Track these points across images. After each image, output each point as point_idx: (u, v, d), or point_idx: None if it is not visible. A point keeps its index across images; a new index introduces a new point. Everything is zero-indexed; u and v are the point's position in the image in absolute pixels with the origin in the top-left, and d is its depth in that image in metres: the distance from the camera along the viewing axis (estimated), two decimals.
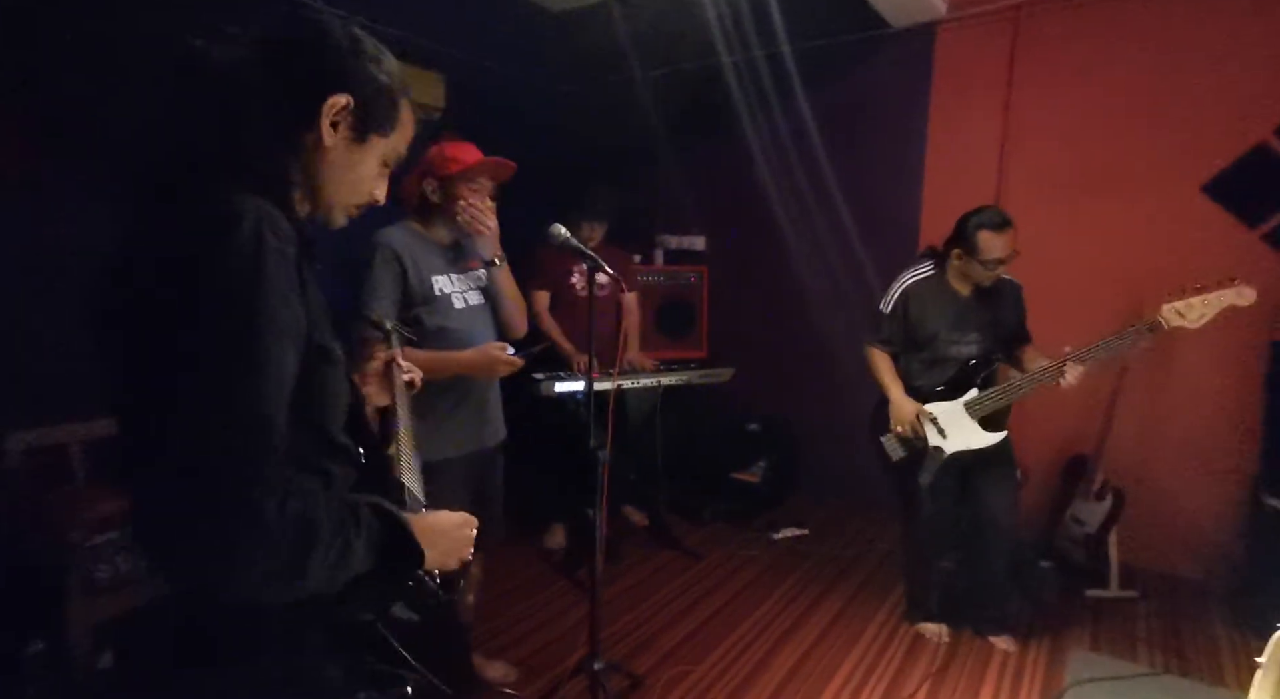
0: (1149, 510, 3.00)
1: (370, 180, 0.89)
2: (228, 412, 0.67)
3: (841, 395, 3.56)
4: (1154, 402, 3.01)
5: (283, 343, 0.71)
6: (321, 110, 0.80)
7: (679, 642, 2.45)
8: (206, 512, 0.65)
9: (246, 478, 0.66)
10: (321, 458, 0.83)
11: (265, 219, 0.71)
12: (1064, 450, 3.16)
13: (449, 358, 1.77)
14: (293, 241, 0.74)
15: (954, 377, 2.34)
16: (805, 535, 3.39)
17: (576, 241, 1.74)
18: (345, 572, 0.75)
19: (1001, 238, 2.18)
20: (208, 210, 0.71)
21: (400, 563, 0.83)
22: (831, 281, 3.69)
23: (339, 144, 0.83)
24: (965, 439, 2.31)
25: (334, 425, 0.86)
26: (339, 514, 0.74)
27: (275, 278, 0.70)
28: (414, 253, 1.79)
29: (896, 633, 2.54)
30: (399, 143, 0.91)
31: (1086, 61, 3.07)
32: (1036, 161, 3.23)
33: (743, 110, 3.85)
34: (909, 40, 3.47)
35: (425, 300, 1.79)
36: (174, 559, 0.70)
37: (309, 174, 0.82)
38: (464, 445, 1.88)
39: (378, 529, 0.79)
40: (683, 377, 3.12)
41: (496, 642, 2.43)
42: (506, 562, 2.97)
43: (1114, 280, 3.09)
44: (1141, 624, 2.62)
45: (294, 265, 0.73)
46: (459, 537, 0.94)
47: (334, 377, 0.83)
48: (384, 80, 0.85)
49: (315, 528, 0.71)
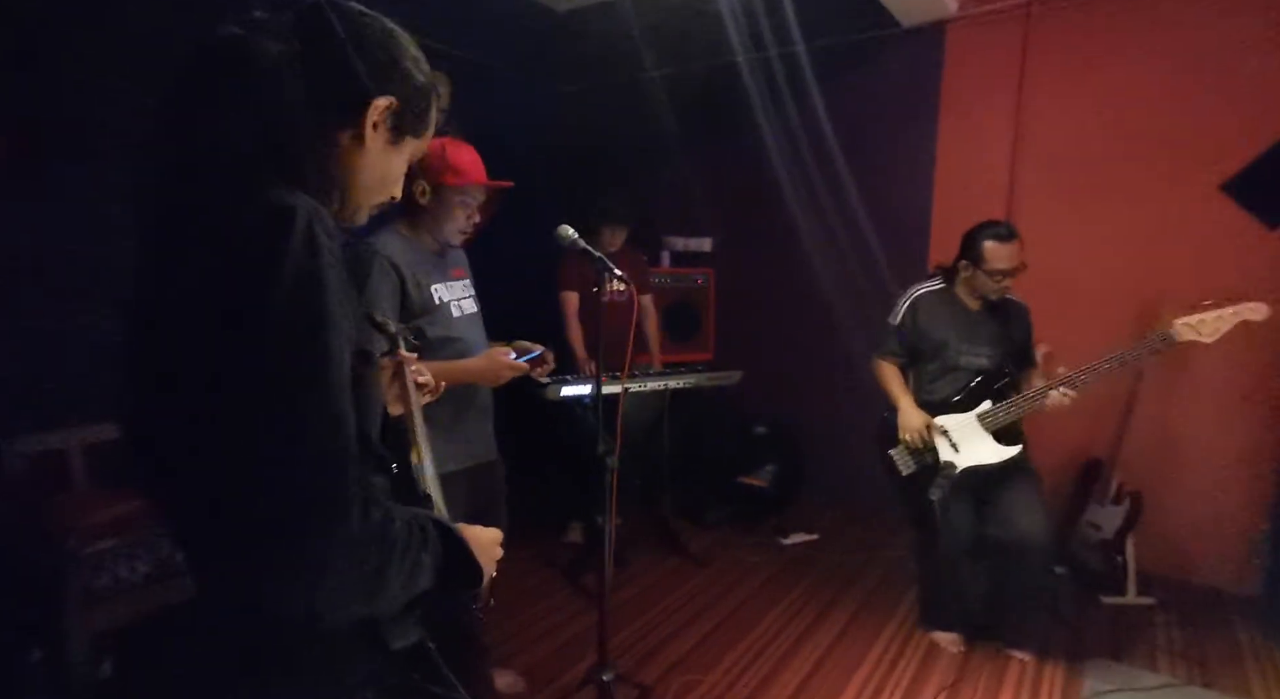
0: (1168, 515, 2.94)
1: (398, 180, 0.88)
2: (308, 417, 0.63)
3: (851, 398, 3.52)
4: (1172, 403, 2.96)
5: (343, 345, 0.68)
6: (366, 111, 0.78)
7: (688, 650, 2.41)
8: (295, 521, 0.62)
9: (334, 486, 0.63)
10: (364, 467, 0.80)
11: (315, 213, 0.68)
12: (1079, 454, 3.10)
13: (456, 367, 1.72)
14: (339, 239, 0.71)
15: (966, 388, 2.30)
16: (815, 541, 3.34)
17: (585, 244, 1.71)
18: (414, 587, 0.73)
19: (1007, 248, 2.17)
20: (258, 205, 0.67)
21: (460, 581, 0.82)
22: (841, 283, 3.64)
23: (377, 145, 0.81)
24: (979, 453, 2.26)
25: (374, 433, 0.83)
26: (408, 527, 0.72)
27: (331, 276, 0.67)
28: (410, 260, 1.72)
29: (910, 641, 2.49)
30: (425, 142, 0.89)
31: (1099, 59, 3.02)
32: (1049, 161, 3.18)
33: (749, 110, 3.81)
34: (919, 39, 3.43)
35: (425, 310, 1.72)
36: (252, 576, 0.66)
37: (343, 173, 0.80)
38: (467, 459, 1.82)
39: (439, 545, 0.77)
40: (690, 379, 3.07)
41: (503, 650, 2.38)
42: (511, 569, 2.91)
43: (1128, 282, 3.03)
44: (1161, 633, 2.56)
45: (340, 263, 0.71)
46: (492, 554, 0.93)
47: (373, 379, 0.82)
48: (422, 81, 0.83)
49: (394, 541, 0.69)
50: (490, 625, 2.45)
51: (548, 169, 3.76)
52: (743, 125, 3.84)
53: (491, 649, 2.12)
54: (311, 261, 0.66)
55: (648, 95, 4.09)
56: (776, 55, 3.64)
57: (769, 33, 3.47)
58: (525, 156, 2.03)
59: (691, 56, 3.74)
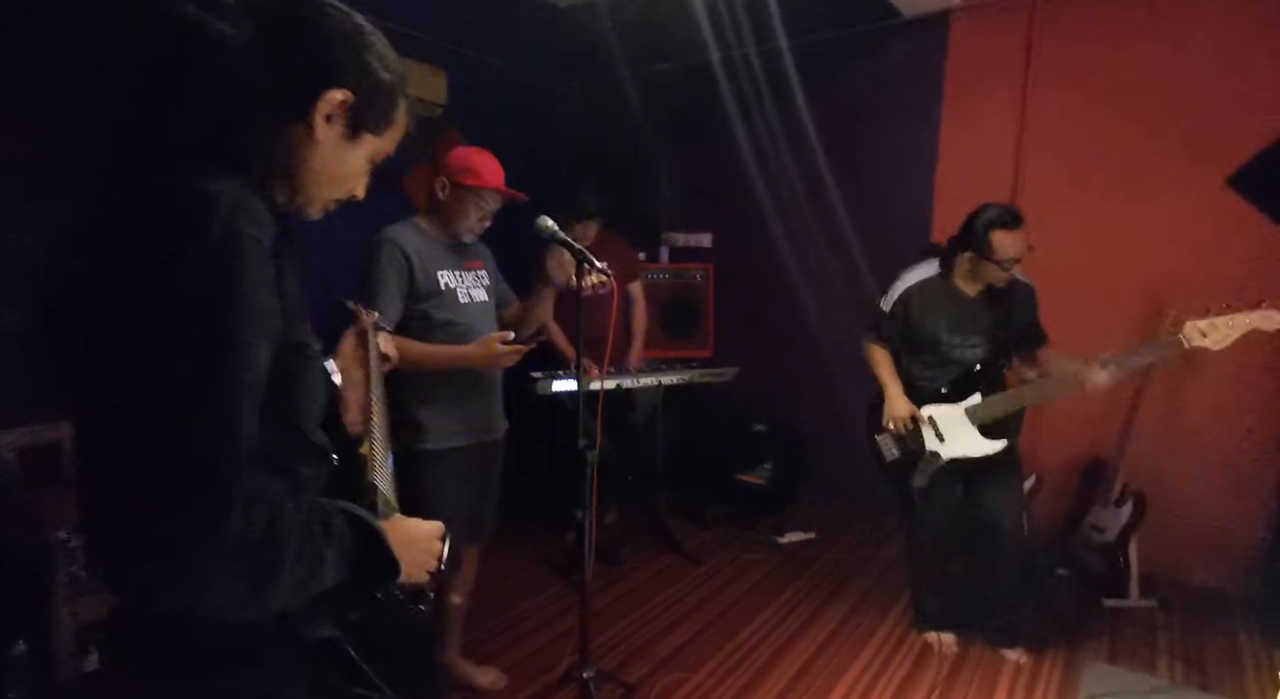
0: (1171, 518, 2.87)
1: (355, 177, 0.85)
2: (195, 413, 0.62)
3: (850, 396, 3.46)
4: (1177, 404, 2.89)
5: (257, 338, 0.66)
6: (318, 103, 0.76)
7: (676, 649, 2.38)
8: (170, 524, 0.61)
9: (213, 487, 0.62)
10: (292, 459, 0.79)
11: (241, 204, 0.67)
12: (1082, 455, 3.04)
13: (450, 351, 1.82)
14: (269, 229, 0.69)
15: (957, 380, 2.26)
16: (812, 539, 3.30)
17: (564, 235, 1.69)
18: (316, 584, 0.71)
19: (1015, 236, 2.09)
20: (180, 191, 0.66)
21: (374, 575, 0.80)
22: (842, 280, 3.59)
23: (330, 138, 0.78)
24: (964, 446, 2.23)
25: (308, 424, 0.82)
26: (309, 522, 0.71)
27: (250, 267, 0.65)
28: (420, 248, 1.83)
29: (904, 642, 2.45)
30: (389, 142, 0.87)
31: (1105, 50, 2.95)
32: (1054, 155, 3.12)
33: (751, 104, 3.77)
34: (922, 30, 3.37)
35: (431, 294, 1.84)
36: (133, 574, 0.66)
37: (293, 164, 0.78)
38: (469, 436, 1.93)
39: (351, 539, 0.75)
40: (684, 375, 3.04)
41: (489, 646, 2.38)
42: (503, 564, 2.91)
43: (1133, 277, 2.97)
44: (1162, 636, 2.51)
45: (270, 256, 0.69)
46: (429, 548, 0.90)
47: (309, 373, 0.80)
48: (386, 78, 0.81)
49: (285, 541, 0.67)
50: (477, 621, 2.45)
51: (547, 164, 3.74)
52: (744, 119, 3.80)
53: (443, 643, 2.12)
54: (227, 253, 0.64)
55: (649, 90, 4.06)
56: (778, 48, 3.59)
57: (771, 25, 3.43)
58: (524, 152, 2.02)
59: (694, 50, 3.70)
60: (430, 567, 0.89)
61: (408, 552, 0.85)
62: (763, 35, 3.53)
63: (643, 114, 4.06)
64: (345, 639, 0.79)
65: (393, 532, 0.84)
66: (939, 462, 2.23)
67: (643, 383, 2.95)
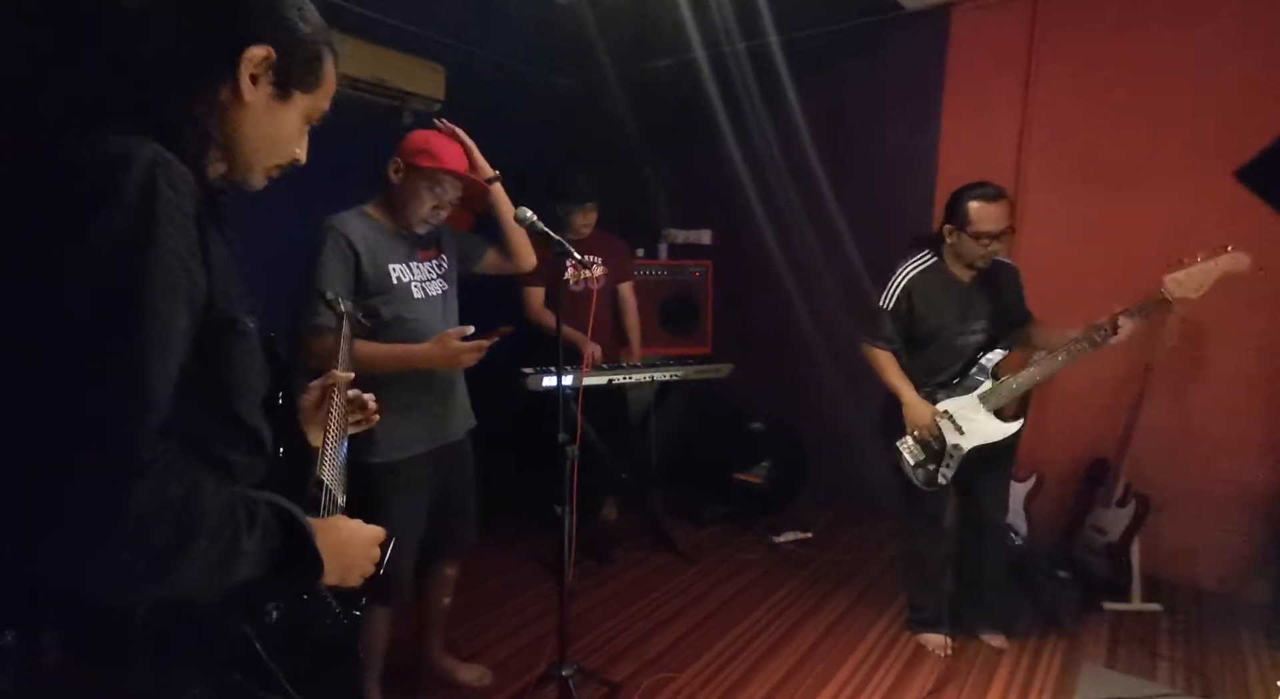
0: (1175, 519, 2.81)
1: (292, 139, 0.83)
2: (103, 372, 0.59)
3: (850, 395, 3.43)
4: (1182, 403, 2.82)
5: (174, 305, 0.63)
6: (240, 62, 0.73)
7: (664, 648, 2.36)
8: (69, 484, 0.57)
9: (115, 454, 0.58)
10: (222, 443, 0.76)
11: (161, 166, 0.63)
12: (1084, 454, 2.98)
13: (407, 352, 1.68)
14: (192, 195, 0.66)
15: (964, 368, 2.25)
16: (808, 539, 3.26)
17: (543, 226, 1.67)
18: (228, 574, 0.67)
19: (994, 208, 2.08)
20: (93, 151, 0.62)
21: (295, 572, 0.75)
22: (842, 278, 3.54)
23: (259, 99, 0.76)
24: (983, 432, 2.20)
25: (241, 406, 0.78)
26: (229, 507, 0.67)
27: (167, 232, 0.62)
28: (369, 239, 1.68)
29: (897, 642, 2.41)
30: (322, 99, 0.84)
31: (1110, 42, 2.89)
32: (1058, 149, 3.06)
33: (749, 99, 3.74)
34: (923, 23, 3.32)
35: (381, 289, 1.69)
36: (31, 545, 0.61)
37: (226, 131, 0.75)
38: (429, 440, 1.80)
39: (275, 531, 0.71)
40: (678, 372, 3.02)
41: (478, 642, 2.36)
42: (492, 562, 2.90)
43: (1140, 272, 2.84)
44: (1164, 640, 2.45)
45: (192, 221, 0.66)
46: (365, 553, 0.86)
47: (243, 351, 0.76)
48: (306, 30, 0.79)
49: (196, 519, 0.63)
50: (465, 618, 2.44)
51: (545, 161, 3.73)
52: (742, 115, 3.77)
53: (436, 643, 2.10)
54: (142, 214, 0.61)
55: (647, 87, 4.04)
56: (776, 42, 3.56)
57: (768, 19, 3.40)
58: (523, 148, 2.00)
59: (691, 46, 3.67)
60: (366, 571, 0.86)
61: (343, 554, 0.82)
62: (761, 30, 3.49)
63: (643, 110, 4.04)
64: (258, 638, 0.75)
65: (328, 531, 0.80)
66: (962, 454, 2.20)
67: (635, 379, 2.93)
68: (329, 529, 0.81)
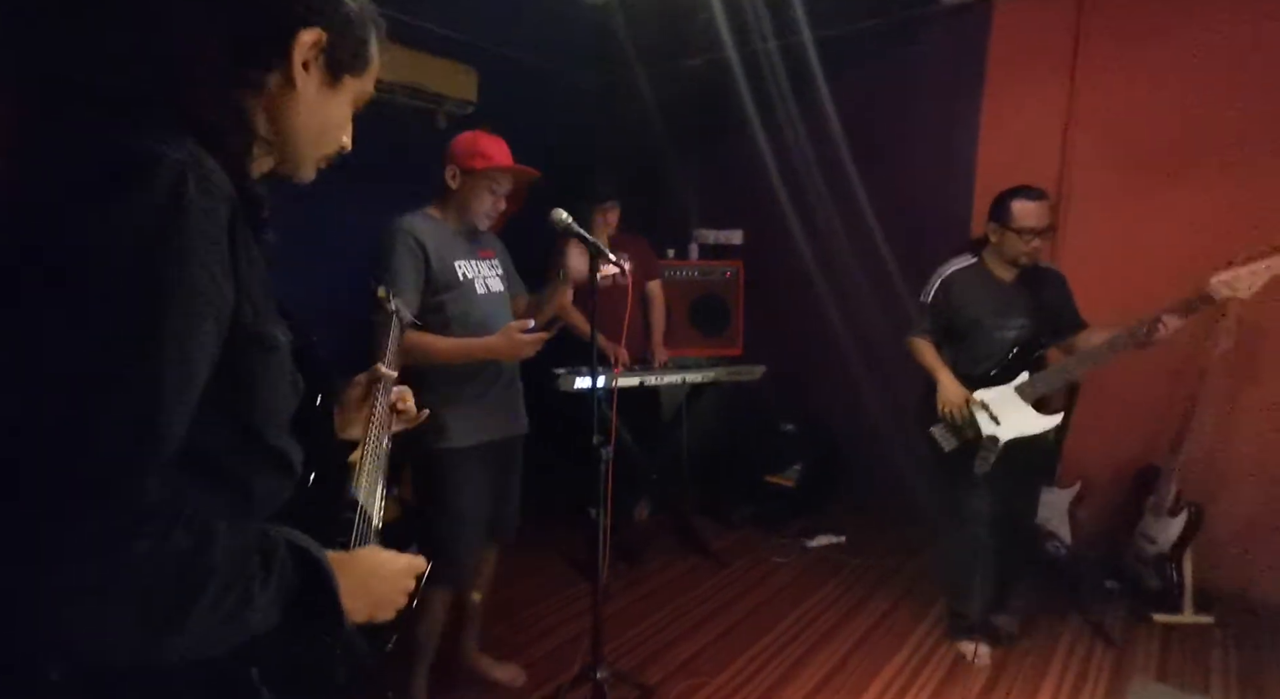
0: (1229, 528, 2.70)
1: (342, 126, 0.79)
2: (104, 409, 0.52)
3: (884, 397, 3.37)
4: (1236, 407, 2.70)
5: (197, 327, 0.57)
6: (293, 48, 0.68)
7: (696, 652, 2.34)
8: (57, 543, 0.49)
9: (117, 500, 0.51)
10: (244, 466, 0.69)
11: (192, 168, 0.58)
12: (1133, 460, 2.87)
13: (473, 344, 1.77)
14: (226, 201, 0.61)
15: (1002, 361, 2.25)
16: (841, 543, 3.21)
17: (578, 228, 1.67)
18: (238, 630, 0.59)
19: (1036, 205, 2.15)
20: (118, 153, 0.57)
21: (313, 623, 0.68)
22: (876, 277, 3.48)
23: (310, 87, 0.71)
24: (1021, 424, 2.18)
25: (269, 426, 0.71)
26: (243, 555, 0.59)
27: (195, 243, 0.56)
28: (435, 238, 1.79)
29: (936, 652, 2.35)
30: (369, 81, 0.80)
31: (1162, 28, 2.78)
32: (1105, 143, 2.96)
33: (783, 97, 3.69)
34: (963, 17, 3.25)
35: (449, 286, 1.80)
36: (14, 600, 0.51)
37: (276, 122, 0.71)
38: (493, 431, 1.90)
39: (291, 577, 0.63)
40: (710, 373, 2.99)
41: (513, 642, 2.37)
42: (526, 561, 2.90)
43: (1192, 270, 2.75)
44: (1217, 653, 2.35)
45: (224, 230, 0.60)
46: (397, 585, 0.78)
47: (271, 367, 0.70)
48: (354, 9, 0.74)
49: (204, 573, 0.55)
50: (501, 616, 2.45)
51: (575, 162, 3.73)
52: (773, 113, 3.72)
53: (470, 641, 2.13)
54: (168, 222, 0.55)
55: (678, 86, 4.01)
56: (811, 39, 3.50)
57: (803, 16, 3.35)
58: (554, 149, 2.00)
59: (722, 44, 3.64)
60: (399, 605, 0.78)
61: (372, 589, 0.74)
62: (795, 26, 3.44)
63: (673, 110, 4.02)
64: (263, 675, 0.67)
65: (355, 564, 0.73)
66: (998, 446, 2.17)
67: (666, 380, 2.91)
68: (355, 562, 0.74)
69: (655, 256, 3.40)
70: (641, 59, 3.94)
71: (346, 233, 2.14)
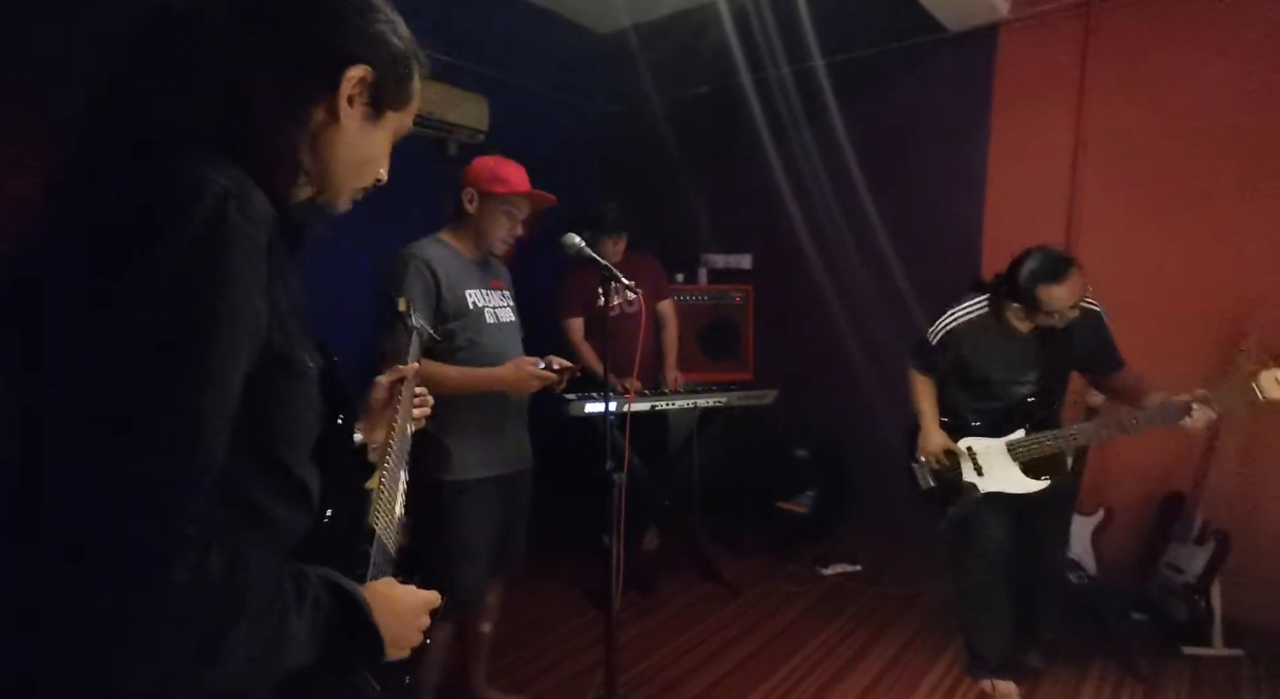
0: (1260, 558, 2.62)
1: (380, 159, 0.79)
2: (146, 431, 0.52)
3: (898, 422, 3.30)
4: (1264, 432, 2.65)
5: (235, 349, 0.57)
6: (341, 83, 0.69)
7: (712, 683, 2.27)
8: (95, 569, 0.49)
9: (158, 524, 0.51)
10: (266, 496, 0.67)
11: (235, 192, 0.58)
12: (1156, 488, 2.81)
13: (482, 374, 1.75)
14: (266, 225, 0.61)
15: (1002, 413, 2.17)
16: (857, 572, 3.14)
17: (591, 252, 1.67)
18: (274, 661, 0.58)
19: (1065, 286, 1.91)
20: (160, 176, 0.57)
21: (351, 656, 0.67)
22: (887, 303, 3.46)
23: (354, 121, 0.72)
24: (1002, 481, 2.13)
25: (293, 455, 0.70)
26: (277, 582, 0.59)
27: (237, 267, 0.57)
28: (447, 265, 1.77)
29: (956, 690, 2.28)
30: (409, 116, 0.80)
31: (1165, 57, 2.80)
32: (1115, 169, 2.95)
33: (792, 123, 3.72)
34: (969, 44, 3.27)
35: (459, 314, 1.77)
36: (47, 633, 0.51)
37: (317, 153, 0.71)
38: (501, 464, 1.86)
39: (328, 605, 0.63)
40: (721, 398, 2.97)
41: (521, 675, 2.31)
42: (536, 590, 2.86)
43: (1205, 297, 2.76)
44: (1248, 688, 2.26)
45: (263, 255, 0.61)
46: (414, 621, 0.76)
47: (298, 394, 0.69)
48: (399, 47, 0.74)
49: (240, 599, 0.54)
50: (507, 649, 2.39)
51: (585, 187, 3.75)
52: (783, 140, 3.75)
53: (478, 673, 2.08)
54: (211, 248, 0.55)
55: (688, 112, 4.06)
56: (820, 66, 3.54)
57: (813, 43, 3.39)
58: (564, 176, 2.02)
59: (733, 70, 3.68)
60: (414, 641, 0.75)
61: (391, 625, 0.72)
62: (802, 54, 3.49)
63: (683, 136, 4.06)
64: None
65: (375, 599, 0.71)
66: (976, 495, 2.13)
67: (676, 405, 2.89)
68: (373, 597, 0.72)
69: (666, 276, 3.40)
70: (652, 86, 3.99)
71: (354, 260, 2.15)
